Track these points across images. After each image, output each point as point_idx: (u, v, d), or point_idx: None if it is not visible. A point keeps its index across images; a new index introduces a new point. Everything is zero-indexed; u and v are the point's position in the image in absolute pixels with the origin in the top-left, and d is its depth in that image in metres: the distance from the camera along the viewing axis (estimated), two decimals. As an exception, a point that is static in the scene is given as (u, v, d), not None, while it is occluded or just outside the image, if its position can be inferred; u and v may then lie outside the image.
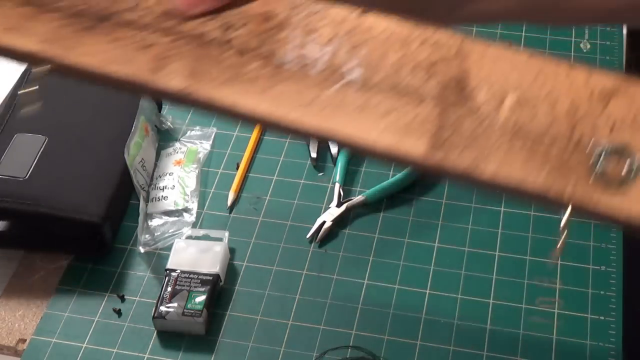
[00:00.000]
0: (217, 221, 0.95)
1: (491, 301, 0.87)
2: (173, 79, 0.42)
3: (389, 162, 0.43)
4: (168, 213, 0.95)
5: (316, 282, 0.90)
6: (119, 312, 0.87)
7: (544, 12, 0.47)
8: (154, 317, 0.85)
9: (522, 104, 0.42)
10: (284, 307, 0.87)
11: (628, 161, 0.41)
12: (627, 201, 0.40)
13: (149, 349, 0.84)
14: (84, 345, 0.85)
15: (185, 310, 0.84)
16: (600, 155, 0.41)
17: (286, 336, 0.85)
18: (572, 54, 1.14)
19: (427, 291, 0.88)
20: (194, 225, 0.94)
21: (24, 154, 0.94)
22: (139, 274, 0.91)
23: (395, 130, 0.41)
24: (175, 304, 0.85)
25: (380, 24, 0.43)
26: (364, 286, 0.89)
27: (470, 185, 0.42)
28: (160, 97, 0.44)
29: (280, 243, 0.93)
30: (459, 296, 0.88)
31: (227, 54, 0.43)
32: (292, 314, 0.87)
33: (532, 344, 0.84)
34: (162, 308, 0.85)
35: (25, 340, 0.85)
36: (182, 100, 0.42)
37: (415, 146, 0.41)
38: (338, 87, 0.42)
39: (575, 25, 0.49)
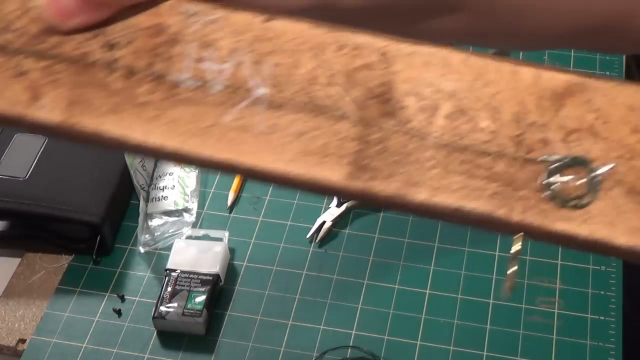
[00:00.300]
0: (217, 221, 0.95)
1: (491, 301, 0.87)
2: (50, 111, 0.36)
3: (307, 191, 0.37)
4: (168, 213, 0.95)
5: (316, 282, 0.90)
6: (119, 312, 0.87)
7: (495, 37, 0.44)
8: (154, 317, 0.85)
9: (458, 114, 0.36)
10: (284, 307, 0.87)
11: (586, 174, 0.35)
12: (587, 221, 0.35)
13: (149, 349, 0.84)
14: (84, 345, 0.85)
15: (185, 310, 0.84)
16: (553, 169, 0.35)
17: (286, 336, 0.85)
18: (572, 53, 1.14)
19: (427, 291, 0.88)
20: (194, 225, 0.94)
21: (24, 154, 0.94)
22: (139, 274, 0.91)
23: (309, 156, 0.36)
24: (175, 304, 0.85)
25: (290, 30, 0.37)
26: (364, 286, 0.89)
27: (401, 210, 0.36)
28: (41, 132, 0.36)
29: (280, 243, 0.93)
30: (459, 296, 0.88)
31: (113, 76, 0.37)
32: (292, 314, 0.87)
33: (532, 344, 0.84)
34: (162, 308, 0.85)
35: (25, 340, 0.85)
36: (65, 134, 0.37)
37: (333, 173, 0.35)
38: (241, 107, 0.36)
39: (531, 50, 0.45)
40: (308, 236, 0.93)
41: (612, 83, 0.36)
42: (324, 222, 0.94)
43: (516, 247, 0.35)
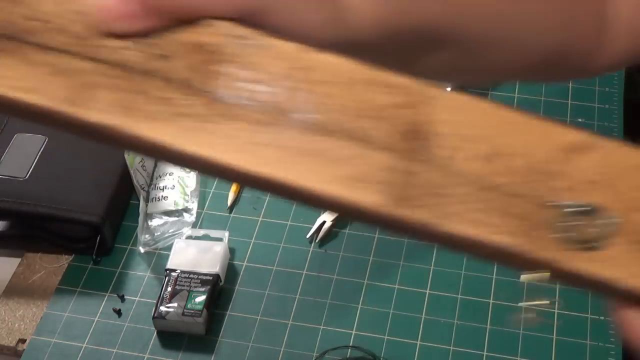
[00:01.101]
0: (217, 221, 0.95)
1: (491, 301, 0.87)
2: (99, 113, 0.37)
3: (338, 212, 0.39)
4: (168, 213, 0.95)
5: (316, 282, 0.90)
6: (119, 312, 0.87)
7: (473, 73, 0.48)
8: (154, 317, 0.85)
9: (485, 156, 0.39)
10: (284, 307, 0.87)
11: (598, 222, 0.39)
12: (602, 263, 0.38)
13: (149, 349, 0.84)
14: (84, 345, 0.85)
15: (185, 310, 0.84)
16: (568, 214, 0.39)
17: (286, 336, 0.85)
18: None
19: (427, 291, 0.88)
20: (194, 225, 0.94)
21: (24, 154, 0.94)
22: (139, 274, 0.91)
23: (348, 179, 0.38)
24: (175, 304, 0.85)
25: (334, 63, 0.39)
26: (364, 286, 0.89)
27: (430, 240, 0.39)
28: (82, 133, 0.36)
29: (280, 243, 0.93)
30: (459, 296, 0.88)
31: (162, 86, 0.38)
32: (292, 314, 0.87)
33: (532, 344, 0.84)
34: (162, 308, 0.85)
35: (25, 340, 0.85)
36: (108, 136, 0.38)
37: (369, 197, 0.37)
38: (285, 129, 0.38)
39: (501, 82, 0.51)
40: (308, 236, 0.93)
41: (618, 143, 0.40)
42: (324, 222, 0.94)
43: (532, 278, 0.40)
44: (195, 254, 0.89)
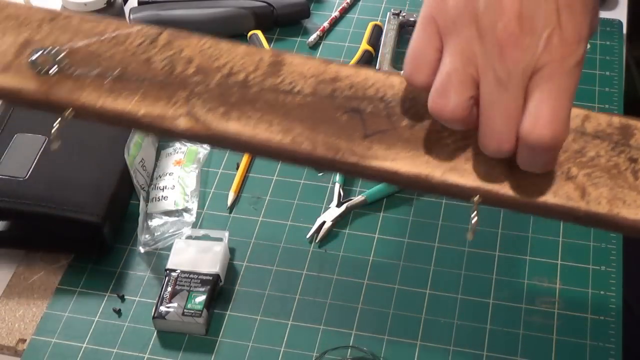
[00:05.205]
0: (217, 221, 0.95)
1: (491, 301, 0.87)
2: (596, 204, 0.48)
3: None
4: (168, 213, 0.95)
5: (316, 282, 0.90)
6: (119, 312, 0.87)
7: None
8: (154, 317, 0.85)
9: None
10: (284, 307, 0.87)
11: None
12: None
13: (149, 349, 0.84)
14: (84, 345, 0.85)
15: (185, 310, 0.84)
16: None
17: (286, 336, 0.85)
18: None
19: (427, 291, 0.88)
20: (194, 225, 0.94)
21: (24, 154, 0.94)
22: (139, 274, 0.91)
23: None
24: (175, 304, 0.85)
25: None
26: (364, 286, 0.89)
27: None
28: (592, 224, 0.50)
29: (280, 243, 0.93)
30: (459, 296, 0.88)
31: None
32: (292, 314, 0.87)
33: (532, 344, 0.84)
34: (162, 308, 0.85)
35: (25, 340, 0.85)
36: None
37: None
38: None
39: None
40: (308, 236, 0.93)
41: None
42: (324, 222, 0.94)
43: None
44: (195, 254, 0.89)
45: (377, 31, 1.14)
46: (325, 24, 1.18)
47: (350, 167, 0.49)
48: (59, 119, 0.53)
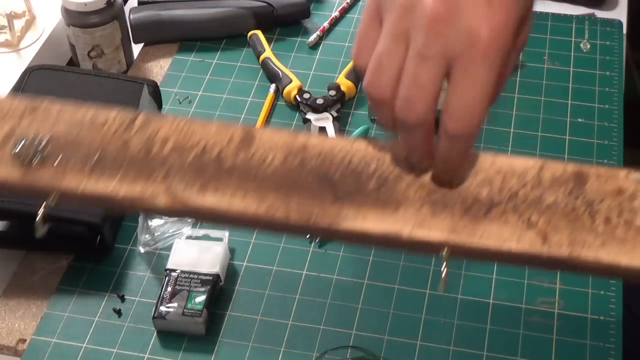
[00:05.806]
0: (217, 221, 0.95)
1: (491, 301, 0.87)
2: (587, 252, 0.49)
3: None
4: (168, 213, 0.95)
5: (316, 282, 0.90)
6: (119, 312, 0.87)
7: None
8: (154, 317, 0.85)
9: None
10: (284, 307, 0.87)
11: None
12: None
13: (149, 349, 0.84)
14: (84, 345, 0.85)
15: (185, 310, 0.84)
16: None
17: (286, 336, 0.85)
18: (572, 54, 1.14)
19: (427, 291, 0.88)
20: (194, 225, 0.94)
21: (24, 154, 0.93)
22: (139, 274, 0.91)
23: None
24: (175, 304, 0.85)
25: None
26: (364, 286, 0.89)
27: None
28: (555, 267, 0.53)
29: (280, 243, 0.93)
30: (459, 296, 0.88)
31: (597, 222, 0.50)
32: (292, 314, 0.87)
33: (532, 344, 0.84)
34: (162, 308, 0.85)
35: (25, 340, 0.85)
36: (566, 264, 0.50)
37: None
38: None
39: None
40: (308, 236, 0.93)
41: None
42: (324, 222, 0.93)
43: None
44: (195, 254, 0.89)
45: (377, 31, 1.14)
46: (325, 24, 1.18)
47: (323, 231, 0.51)
48: (43, 205, 0.56)
